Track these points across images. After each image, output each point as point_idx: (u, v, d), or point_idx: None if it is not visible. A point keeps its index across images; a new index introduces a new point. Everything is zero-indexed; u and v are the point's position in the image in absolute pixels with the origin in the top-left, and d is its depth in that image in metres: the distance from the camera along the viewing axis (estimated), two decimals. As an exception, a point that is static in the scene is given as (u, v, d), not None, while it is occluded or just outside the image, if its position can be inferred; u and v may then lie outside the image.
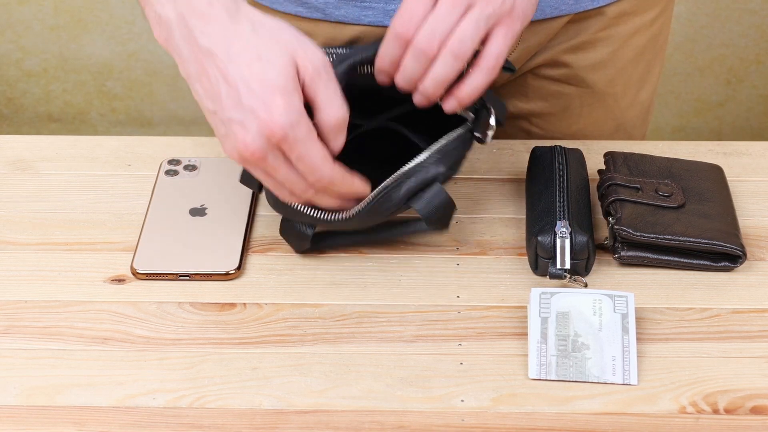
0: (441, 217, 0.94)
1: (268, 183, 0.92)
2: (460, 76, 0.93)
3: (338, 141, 0.91)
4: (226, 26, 0.89)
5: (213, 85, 0.89)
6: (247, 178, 0.97)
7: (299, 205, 0.95)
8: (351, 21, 1.08)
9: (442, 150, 0.94)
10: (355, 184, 0.93)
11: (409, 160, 0.94)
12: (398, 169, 0.93)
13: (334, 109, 0.90)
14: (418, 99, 0.93)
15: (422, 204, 0.94)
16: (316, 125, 0.90)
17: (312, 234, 0.96)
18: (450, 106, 0.94)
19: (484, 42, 0.93)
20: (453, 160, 0.95)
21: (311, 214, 0.94)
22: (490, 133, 0.96)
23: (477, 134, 0.96)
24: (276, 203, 0.96)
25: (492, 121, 0.95)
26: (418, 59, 0.92)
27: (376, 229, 0.98)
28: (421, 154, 0.94)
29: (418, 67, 0.92)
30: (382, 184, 0.93)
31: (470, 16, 0.92)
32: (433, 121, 0.98)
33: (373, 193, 0.93)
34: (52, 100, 2.28)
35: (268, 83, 0.87)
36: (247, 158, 0.89)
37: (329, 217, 0.94)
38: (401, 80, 0.93)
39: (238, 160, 0.90)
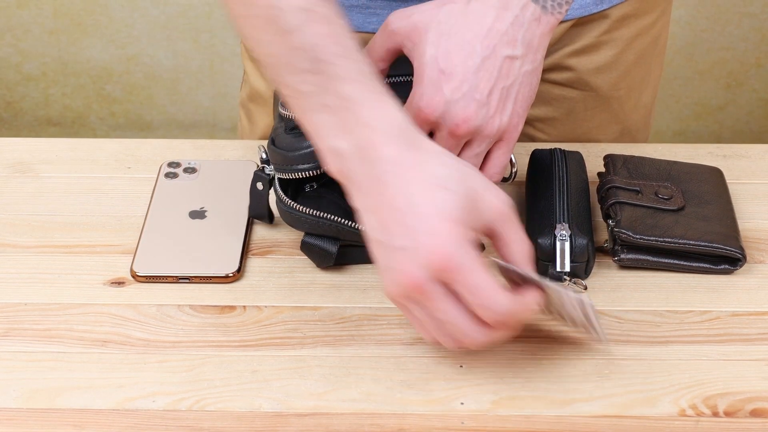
0: None
1: (427, 326, 0.84)
2: None
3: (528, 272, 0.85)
4: (404, 155, 0.82)
5: (385, 215, 0.81)
6: (255, 210, 0.97)
7: (325, 214, 0.94)
8: (356, 28, 1.08)
9: None
10: (531, 303, 0.84)
11: None
12: None
13: (524, 244, 0.85)
14: None
15: None
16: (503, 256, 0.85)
17: (336, 251, 0.96)
18: None
19: (486, 155, 0.93)
20: None
21: (340, 221, 0.93)
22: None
23: None
24: (295, 221, 0.95)
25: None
26: None
27: None
28: None
29: None
30: None
31: (469, 152, 0.92)
32: None
33: None
34: (52, 103, 2.28)
35: (440, 209, 0.80)
36: (406, 289, 0.80)
37: (354, 225, 0.94)
38: None
39: (397, 295, 0.81)
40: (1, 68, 2.25)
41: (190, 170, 1.07)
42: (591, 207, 1.01)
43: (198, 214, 1.02)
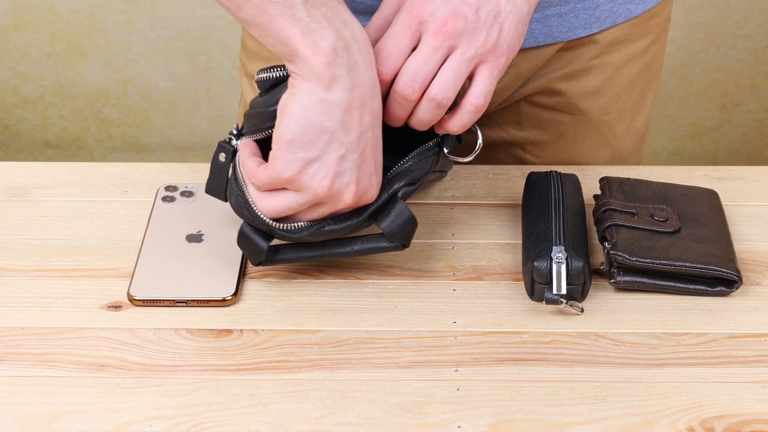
0: (404, 234, 0.95)
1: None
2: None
3: None
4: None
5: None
6: (213, 185, 0.98)
7: (258, 210, 0.94)
8: None
9: (401, 167, 0.95)
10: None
11: None
12: None
13: None
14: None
15: (387, 222, 0.94)
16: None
17: (267, 248, 0.96)
18: (438, 131, 0.96)
19: (470, 78, 0.93)
20: (415, 176, 0.95)
21: (269, 222, 0.94)
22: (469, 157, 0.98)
23: (445, 148, 0.97)
24: (237, 204, 0.96)
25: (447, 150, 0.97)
26: (400, 104, 0.93)
27: (333, 245, 0.97)
28: (388, 173, 0.95)
29: (401, 111, 0.94)
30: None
31: (452, 59, 0.92)
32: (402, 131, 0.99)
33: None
34: (49, 126, 2.28)
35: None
36: (320, 192, 0.91)
37: (286, 226, 0.94)
38: (387, 119, 0.94)
39: (320, 188, 0.91)
40: (-2, 91, 2.26)
41: (187, 194, 1.07)
42: (587, 229, 1.01)
43: (195, 238, 1.02)
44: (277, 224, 0.94)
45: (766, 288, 0.99)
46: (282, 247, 0.97)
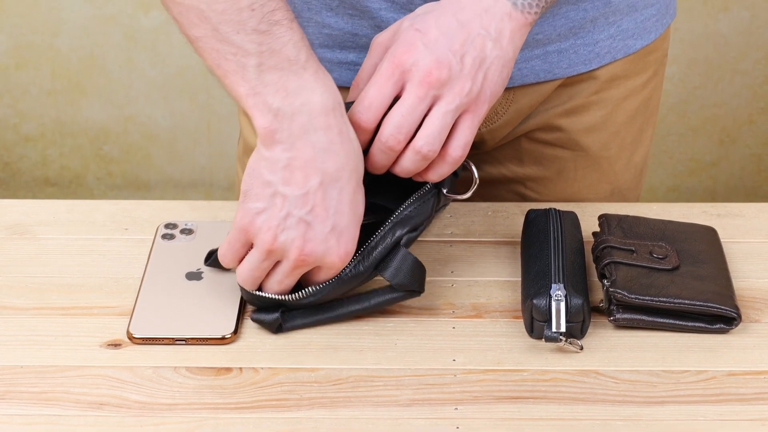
0: (413, 281, 0.95)
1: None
2: None
3: None
4: (333, 128, 0.93)
5: (295, 172, 0.92)
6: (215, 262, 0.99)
7: (263, 292, 0.96)
8: (346, 84, 1.09)
9: (401, 214, 0.95)
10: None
11: (373, 218, 0.95)
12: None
13: None
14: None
15: (391, 273, 0.95)
16: None
17: (273, 320, 0.96)
18: (416, 179, 0.97)
19: (451, 129, 0.94)
20: (416, 222, 0.96)
21: (277, 297, 0.95)
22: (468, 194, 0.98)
23: (443, 189, 0.97)
24: (247, 295, 0.97)
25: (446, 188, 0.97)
26: (385, 154, 0.94)
27: (348, 303, 0.97)
28: (382, 226, 0.95)
29: (385, 160, 0.95)
30: (352, 260, 0.94)
31: (437, 110, 0.93)
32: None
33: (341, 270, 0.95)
34: (49, 164, 2.29)
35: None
36: (259, 236, 0.93)
37: (293, 297, 0.95)
38: (369, 168, 0.95)
39: (247, 229, 0.93)
40: (-1, 128, 2.26)
41: (187, 231, 1.08)
42: (586, 267, 1.01)
43: (194, 276, 1.02)
44: (285, 296, 0.96)
45: (765, 325, 0.99)
46: (300, 313, 0.97)
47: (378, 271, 0.96)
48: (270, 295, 0.96)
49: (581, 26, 1.11)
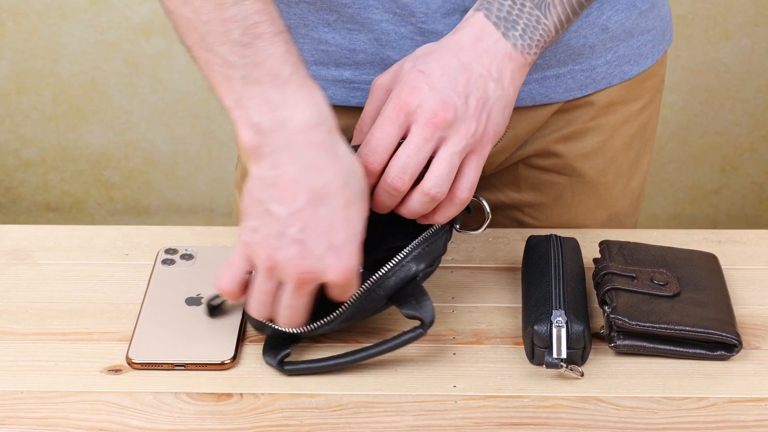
0: (428, 315, 0.95)
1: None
2: None
3: None
4: (319, 146, 0.91)
5: (283, 189, 0.90)
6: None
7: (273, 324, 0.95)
8: (340, 103, 1.10)
9: (414, 251, 0.95)
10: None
11: (385, 249, 0.95)
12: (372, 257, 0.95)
13: None
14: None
15: (409, 308, 0.95)
16: None
17: (277, 360, 0.95)
18: (421, 222, 0.97)
19: (457, 171, 0.94)
20: (431, 258, 0.96)
21: (290, 330, 0.95)
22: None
23: (456, 225, 0.97)
24: (256, 325, 0.97)
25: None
26: (390, 194, 0.94)
27: (366, 348, 0.97)
28: (400, 253, 0.95)
29: (390, 201, 0.95)
30: (363, 287, 0.94)
31: (444, 152, 0.93)
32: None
33: (354, 295, 0.94)
34: (50, 189, 2.29)
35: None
36: (256, 256, 0.92)
37: (306, 328, 0.95)
38: (375, 208, 0.94)
39: (263, 258, 0.91)
40: (0, 154, 2.27)
41: (187, 257, 1.08)
42: (587, 293, 1.01)
43: (194, 301, 1.02)
44: (299, 329, 0.95)
45: (766, 352, 0.99)
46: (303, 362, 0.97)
47: (393, 302, 0.95)
48: (286, 329, 0.95)
49: (579, 52, 1.12)
